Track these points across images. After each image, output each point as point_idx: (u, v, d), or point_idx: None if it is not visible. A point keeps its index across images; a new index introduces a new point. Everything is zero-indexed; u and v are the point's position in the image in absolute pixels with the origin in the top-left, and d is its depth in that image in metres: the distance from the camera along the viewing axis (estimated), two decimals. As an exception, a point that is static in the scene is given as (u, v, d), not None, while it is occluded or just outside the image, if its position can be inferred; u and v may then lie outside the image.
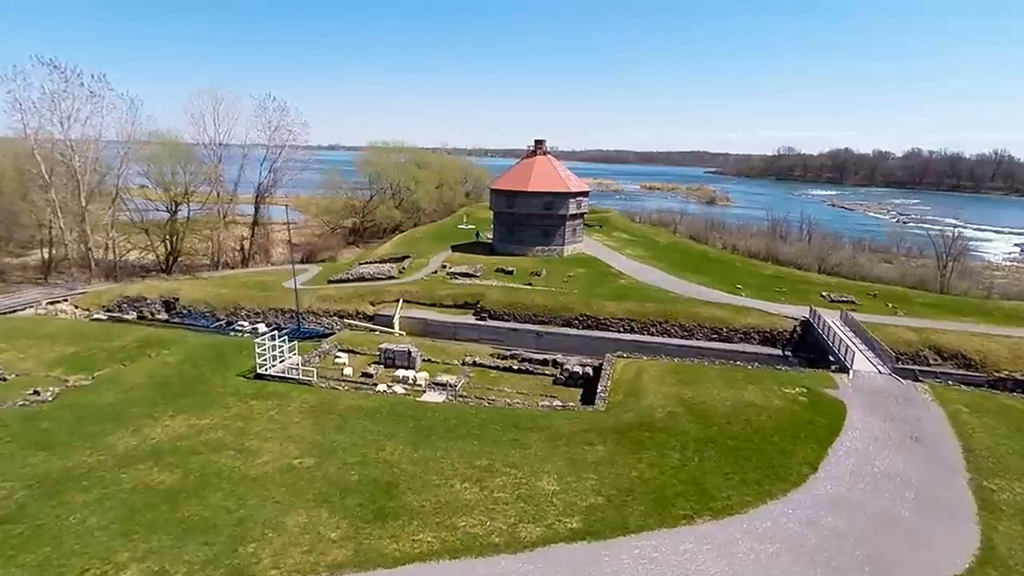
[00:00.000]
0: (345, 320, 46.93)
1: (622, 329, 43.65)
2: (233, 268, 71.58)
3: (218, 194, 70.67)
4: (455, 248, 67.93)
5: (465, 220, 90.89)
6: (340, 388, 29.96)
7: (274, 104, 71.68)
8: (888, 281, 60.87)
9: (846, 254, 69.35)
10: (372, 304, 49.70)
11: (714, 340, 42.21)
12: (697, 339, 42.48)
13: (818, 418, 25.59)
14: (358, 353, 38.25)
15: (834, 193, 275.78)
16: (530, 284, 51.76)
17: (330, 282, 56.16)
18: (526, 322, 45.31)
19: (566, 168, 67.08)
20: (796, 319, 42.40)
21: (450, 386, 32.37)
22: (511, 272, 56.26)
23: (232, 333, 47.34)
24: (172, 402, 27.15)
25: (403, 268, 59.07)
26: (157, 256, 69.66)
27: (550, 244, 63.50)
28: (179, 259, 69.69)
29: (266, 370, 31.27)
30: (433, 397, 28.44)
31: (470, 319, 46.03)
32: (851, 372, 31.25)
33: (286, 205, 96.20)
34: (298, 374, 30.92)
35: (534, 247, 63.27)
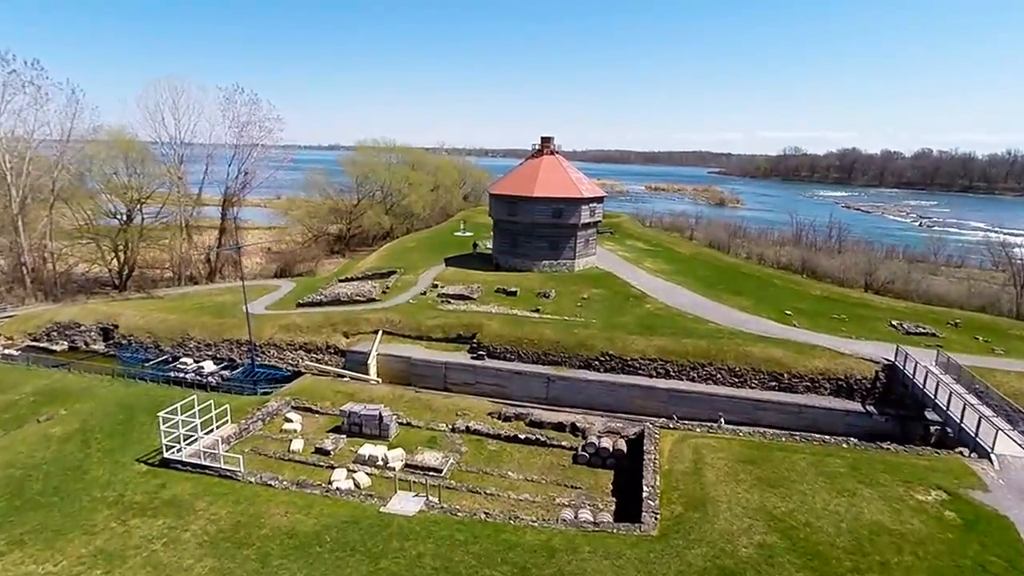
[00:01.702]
0: (307, 362, 38.00)
1: (655, 373, 34.75)
2: (198, 283, 62.79)
3: (179, 198, 61.77)
4: (449, 261, 59.03)
5: (462, 227, 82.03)
6: (275, 485, 21.03)
7: (243, 97, 62.87)
8: (955, 302, 52.02)
9: (898, 268, 60.56)
10: (346, 336, 40.81)
11: (773, 389, 33.32)
12: (751, 386, 33.60)
13: (988, 555, 16.75)
14: (317, 412, 29.35)
15: (844, 194, 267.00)
16: (537, 310, 42.87)
17: (299, 305, 47.25)
18: (534, 362, 36.43)
19: (577, 170, 58.21)
20: (876, 362, 33.50)
21: (433, 473, 23.54)
22: (514, 293, 47.38)
23: (173, 373, 38.49)
24: (15, 521, 18.29)
25: (387, 287, 50.16)
26: (110, 270, 60.88)
27: (559, 258, 54.60)
28: (134, 273, 60.92)
29: (176, 453, 22.43)
30: (405, 506, 19.54)
31: (464, 358, 37.14)
32: (993, 457, 22.37)
33: (263, 205, 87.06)
34: (219, 460, 22.04)
35: (540, 261, 54.38)
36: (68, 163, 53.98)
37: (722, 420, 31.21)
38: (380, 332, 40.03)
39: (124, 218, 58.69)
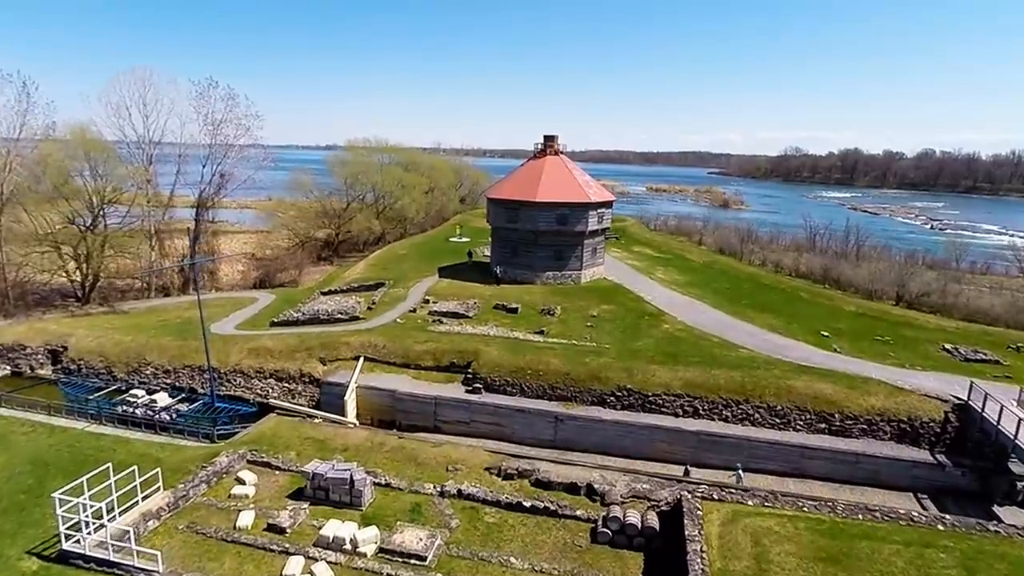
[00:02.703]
0: (272, 399, 32.76)
1: (681, 411, 29.61)
2: (169, 295, 57.44)
3: (148, 202, 56.39)
4: (443, 272, 53.84)
5: (458, 232, 76.91)
6: (203, 592, 15.87)
7: (219, 92, 57.53)
8: (999, 319, 46.93)
9: (932, 279, 55.46)
10: (323, 362, 35.61)
11: (822, 432, 28.23)
12: (796, 429, 28.49)
13: None
14: (277, 469, 24.10)
15: (848, 195, 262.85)
16: (542, 332, 37.70)
17: (273, 324, 42.00)
18: (538, 396, 31.27)
19: (583, 171, 53.07)
20: (944, 400, 28.42)
21: (415, 562, 18.37)
22: (515, 310, 42.24)
23: (122, 408, 33.23)
24: None
25: (373, 303, 44.94)
26: (72, 281, 55.47)
27: (564, 268, 49.45)
28: (99, 284, 55.51)
29: (78, 543, 17.22)
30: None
31: (458, 391, 31.96)
32: None
33: (251, 206, 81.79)
34: (132, 554, 16.82)
35: (543, 272, 49.23)
36: (19, 163, 48.57)
37: (740, 472, 26.14)
38: (361, 359, 34.84)
39: (86, 224, 53.29)
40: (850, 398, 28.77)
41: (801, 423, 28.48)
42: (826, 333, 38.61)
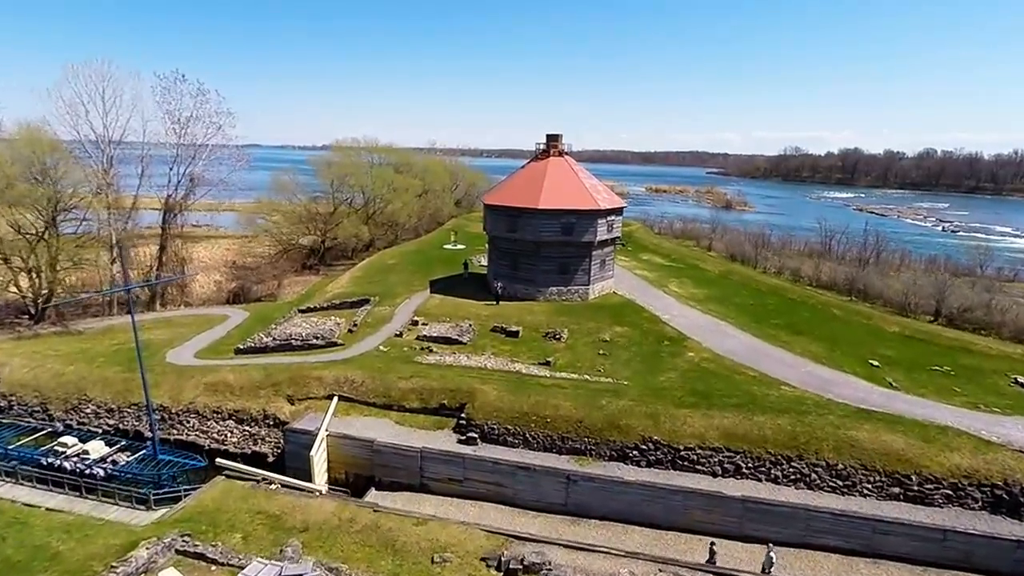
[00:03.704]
0: (220, 459, 27.24)
1: (721, 470, 24.36)
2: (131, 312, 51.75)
3: (108, 208, 50.81)
4: (435, 286, 48.48)
5: (453, 239, 71.58)
6: None
7: (187, 87, 52.07)
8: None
9: (973, 293, 50.34)
10: (291, 401, 30.29)
11: (897, 498, 23.01)
12: (864, 494, 23.26)
13: None
14: (214, 563, 18.67)
15: (850, 195, 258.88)
16: (547, 363, 32.41)
17: (239, 351, 36.58)
18: (546, 449, 26.00)
19: (591, 174, 47.78)
20: (1043, 458, 23.26)
21: None
22: (516, 334, 36.98)
23: (48, 459, 27.82)
24: None
25: (355, 324, 39.57)
26: (23, 297, 49.90)
27: (570, 283, 44.18)
28: (52, 300, 49.94)
29: None
30: None
31: (449, 441, 26.64)
32: None
33: (236, 209, 76.62)
34: None
35: (547, 288, 43.94)
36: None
37: (772, 554, 20.73)
38: (335, 399, 29.49)
39: (36, 233, 47.72)
40: (927, 454, 23.58)
41: (869, 486, 23.27)
42: (875, 362, 33.42)
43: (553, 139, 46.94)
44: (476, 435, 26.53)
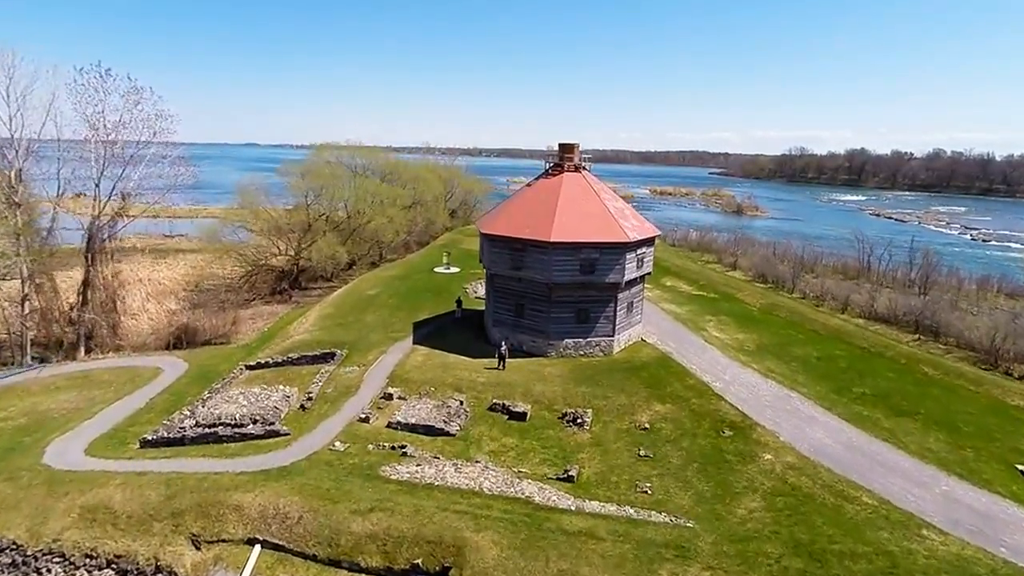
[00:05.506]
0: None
1: None
2: (46, 362, 41.98)
3: (17, 234, 41.09)
4: (420, 332, 38.91)
5: (445, 259, 62.04)
6: None
7: (115, 84, 42.34)
8: None
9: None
10: (195, 544, 20.67)
11: None
12: None
13: None
14: None
15: (861, 198, 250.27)
16: (569, 476, 22.82)
17: (146, 444, 26.82)
18: (578, 656, 16.40)
19: (614, 193, 38.22)
20: None
21: None
22: (522, 416, 27.49)
23: None
24: None
25: (310, 397, 29.91)
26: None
27: (590, 335, 34.65)
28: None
29: None
30: None
31: (424, 638, 17.06)
32: None
33: (221, 215, 67.19)
34: None
35: (560, 341, 34.41)
36: None
37: None
38: (257, 548, 19.85)
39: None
40: None
41: None
42: (1022, 467, 23.95)
43: (567, 149, 37.38)
44: (466, 629, 16.95)
